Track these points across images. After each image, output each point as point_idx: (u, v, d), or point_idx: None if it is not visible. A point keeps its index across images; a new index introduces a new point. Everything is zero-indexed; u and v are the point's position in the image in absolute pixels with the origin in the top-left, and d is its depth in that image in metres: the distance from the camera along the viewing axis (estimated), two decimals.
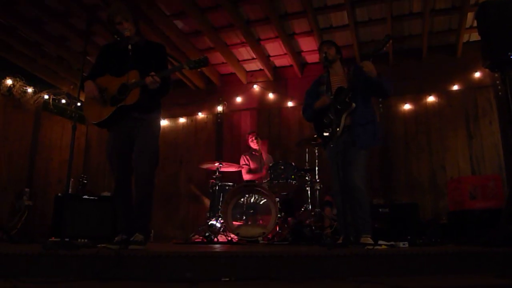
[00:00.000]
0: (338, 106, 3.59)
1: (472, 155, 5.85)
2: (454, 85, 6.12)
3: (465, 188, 4.21)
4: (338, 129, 3.53)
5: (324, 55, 3.69)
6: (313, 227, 4.71)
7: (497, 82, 5.76)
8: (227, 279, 2.30)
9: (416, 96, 6.26)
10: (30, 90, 6.56)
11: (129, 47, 3.13)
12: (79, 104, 3.47)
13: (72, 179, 5.59)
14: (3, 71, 6.17)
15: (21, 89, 6.43)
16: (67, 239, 2.73)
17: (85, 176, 5.92)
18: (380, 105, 6.26)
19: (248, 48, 6.34)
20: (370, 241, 3.38)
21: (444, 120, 6.08)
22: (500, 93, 5.78)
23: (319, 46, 4.01)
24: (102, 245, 2.90)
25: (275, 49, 6.57)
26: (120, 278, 2.33)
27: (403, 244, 3.15)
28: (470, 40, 6.13)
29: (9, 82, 6.24)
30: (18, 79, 6.35)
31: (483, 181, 4.20)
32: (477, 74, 5.99)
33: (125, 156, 3.16)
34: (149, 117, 3.20)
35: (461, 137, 5.96)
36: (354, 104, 3.58)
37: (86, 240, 2.90)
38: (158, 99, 3.29)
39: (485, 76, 5.93)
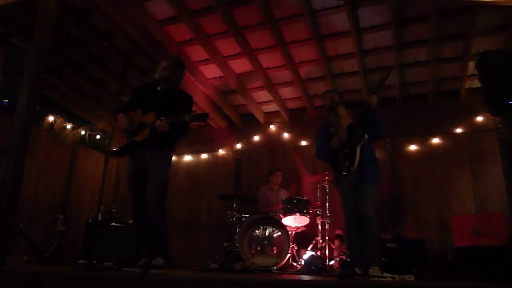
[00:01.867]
0: (352, 140, 3.62)
1: (476, 194, 5.73)
2: (458, 128, 6.08)
3: (469, 225, 4.11)
4: (355, 161, 3.55)
5: (331, 98, 3.79)
6: (323, 259, 4.63)
7: (499, 125, 5.71)
8: None
9: (422, 138, 6.22)
10: (69, 126, 6.78)
11: (158, 88, 3.28)
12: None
13: (102, 207, 5.67)
14: (46, 108, 6.42)
15: (61, 125, 6.66)
16: (94, 262, 2.76)
17: (114, 205, 5.98)
18: (388, 145, 6.24)
19: (266, 91, 6.47)
20: (378, 272, 3.31)
21: (449, 160, 6.00)
22: (502, 136, 5.72)
23: (323, 94, 4.10)
24: (127, 268, 2.91)
25: (290, 92, 6.69)
26: None
27: (408, 277, 3.07)
28: (473, 87, 6.13)
29: (51, 118, 6.48)
30: (59, 116, 6.60)
31: (486, 220, 4.09)
32: (480, 118, 5.96)
33: (139, 186, 3.23)
34: (160, 152, 3.26)
35: (465, 177, 5.85)
36: (366, 136, 3.62)
37: (111, 264, 2.91)
38: (171, 140, 3.34)
39: (488, 119, 5.88)
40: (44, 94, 6.55)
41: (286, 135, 7.03)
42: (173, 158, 3.48)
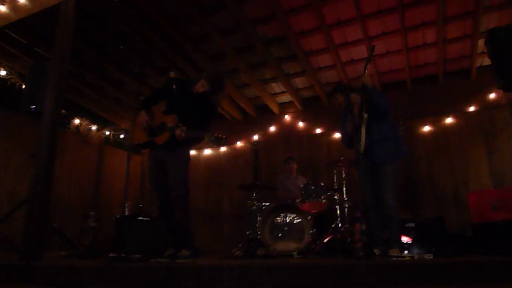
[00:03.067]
0: (356, 122, 3.53)
1: (492, 169, 5.57)
2: (470, 106, 5.91)
3: (486, 201, 3.99)
4: (361, 142, 3.45)
5: (337, 101, 3.75)
6: (344, 242, 4.59)
7: None
8: None
9: (435, 118, 6.07)
10: (94, 127, 6.90)
11: (174, 86, 3.25)
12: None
13: (129, 203, 5.76)
14: (72, 112, 6.54)
15: (87, 127, 6.79)
16: (123, 255, 2.80)
17: (141, 200, 6.09)
18: (401, 128, 6.11)
19: (279, 82, 6.42)
20: (397, 253, 3.26)
21: (463, 139, 5.85)
22: None
23: (331, 93, 4.01)
24: (154, 259, 2.95)
25: (303, 82, 6.62)
26: (169, 287, 2.36)
27: (428, 256, 3.02)
28: (483, 64, 5.94)
29: (76, 121, 6.61)
30: (84, 118, 6.72)
31: (504, 194, 3.97)
32: (492, 95, 5.78)
33: (161, 181, 3.24)
34: (179, 150, 3.23)
35: (481, 153, 5.70)
36: (366, 115, 3.47)
37: (139, 256, 2.95)
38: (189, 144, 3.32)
39: (500, 96, 5.70)
40: (69, 98, 6.68)
41: (300, 124, 6.98)
42: (194, 152, 3.49)
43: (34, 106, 3.79)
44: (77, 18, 3.68)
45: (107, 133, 7.16)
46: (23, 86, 5.25)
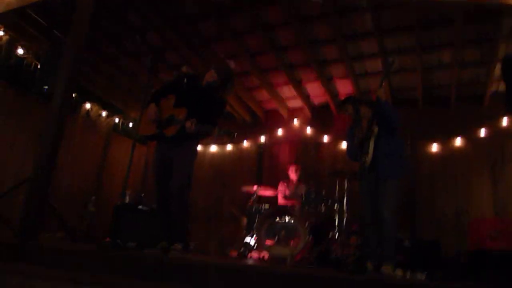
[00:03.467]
0: (364, 137, 3.53)
1: (496, 198, 5.52)
2: (480, 131, 5.86)
3: (485, 229, 3.96)
4: (368, 155, 3.45)
5: (347, 110, 3.75)
6: (338, 254, 4.57)
7: None
8: None
9: (443, 141, 6.03)
10: (104, 113, 6.97)
11: (186, 82, 3.28)
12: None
13: (130, 191, 5.79)
14: (83, 97, 6.60)
15: (97, 112, 6.86)
16: (118, 241, 2.83)
17: (143, 190, 6.11)
18: (408, 147, 6.07)
19: (291, 87, 6.43)
20: (390, 270, 3.24)
21: (470, 164, 5.80)
22: None
23: (342, 104, 4.01)
24: (147, 249, 2.97)
25: (314, 89, 6.62)
26: (159, 279, 2.37)
27: (420, 276, 3.00)
28: (498, 90, 5.89)
29: (87, 106, 6.67)
30: (95, 103, 6.78)
31: (503, 225, 3.93)
32: (504, 123, 5.72)
33: (164, 176, 3.24)
34: (187, 143, 3.25)
35: (486, 181, 5.64)
36: (376, 128, 3.50)
37: (134, 244, 2.98)
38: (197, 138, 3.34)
39: (511, 124, 5.65)
40: (82, 84, 6.75)
41: (308, 131, 6.97)
42: (199, 149, 3.48)
43: (46, 87, 3.85)
44: (96, 6, 3.73)
45: (117, 120, 7.22)
46: (38, 67, 5.33)
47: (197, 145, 3.40)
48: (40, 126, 5.06)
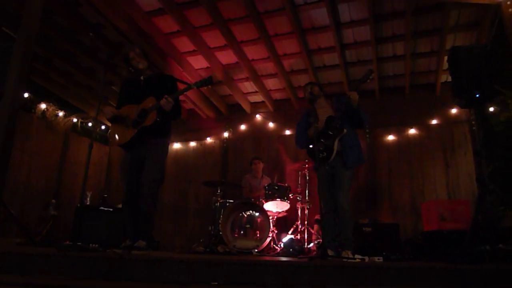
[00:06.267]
0: (330, 132, 3.68)
1: (448, 182, 5.85)
2: (433, 119, 6.17)
3: (436, 211, 4.20)
4: (332, 153, 3.62)
5: (310, 91, 3.83)
6: (302, 243, 4.71)
7: (471, 118, 5.82)
8: (216, 283, 2.33)
9: (399, 128, 6.31)
10: (61, 113, 6.74)
11: (141, 78, 3.28)
12: (103, 127, 3.59)
13: (91, 192, 5.67)
14: (38, 96, 6.36)
15: (54, 112, 6.62)
16: (79, 243, 2.78)
17: (106, 191, 5.98)
18: (367, 136, 6.31)
19: (252, 82, 6.48)
20: (350, 255, 3.39)
21: (424, 150, 6.11)
22: (473, 128, 5.83)
23: (304, 86, 4.12)
24: (110, 249, 2.94)
25: (275, 83, 6.71)
26: (123, 278, 2.36)
27: (378, 259, 3.16)
28: (448, 81, 6.21)
29: (43, 106, 6.43)
30: (51, 103, 6.55)
31: (453, 206, 4.19)
32: (454, 111, 6.05)
33: (136, 173, 3.27)
34: (160, 141, 3.34)
35: (439, 166, 5.97)
36: (345, 130, 3.68)
37: (96, 245, 2.94)
38: (170, 124, 3.40)
39: (461, 112, 5.98)
40: (37, 83, 6.50)
41: (271, 125, 7.06)
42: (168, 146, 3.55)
43: None
44: (48, 2, 3.61)
45: (75, 120, 7.00)
46: None
47: (168, 142, 3.49)
48: None
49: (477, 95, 3.41)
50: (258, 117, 7.18)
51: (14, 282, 2.07)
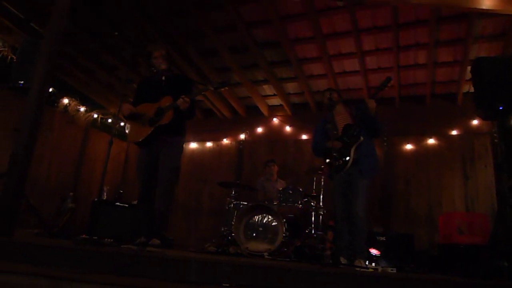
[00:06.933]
0: (348, 140, 3.64)
1: (467, 194, 5.73)
2: (453, 130, 6.06)
3: (453, 223, 4.12)
4: (348, 160, 3.58)
5: (329, 96, 3.80)
6: (315, 248, 4.68)
7: (493, 130, 5.69)
8: (227, 284, 2.33)
9: (418, 138, 6.22)
10: (82, 109, 6.87)
11: (163, 78, 3.33)
12: (122, 124, 3.67)
13: (108, 187, 5.75)
14: (61, 91, 6.50)
15: (75, 107, 6.75)
16: (95, 237, 2.83)
17: (122, 186, 6.07)
18: (385, 143, 6.24)
19: (271, 85, 6.48)
20: (363, 264, 3.35)
21: (443, 161, 6.00)
22: (495, 140, 5.70)
23: (323, 92, 4.09)
24: (124, 245, 2.98)
25: (294, 87, 6.70)
26: (136, 274, 2.39)
27: (391, 270, 3.11)
28: (470, 91, 6.09)
29: (65, 101, 6.57)
30: (73, 99, 6.69)
31: (471, 219, 4.10)
32: (475, 122, 5.93)
33: (151, 171, 3.30)
34: (175, 140, 3.36)
35: (457, 177, 5.85)
36: (362, 138, 3.63)
37: (111, 240, 2.98)
38: (185, 123, 3.44)
39: (483, 123, 5.85)
40: (61, 78, 6.64)
41: (287, 129, 7.05)
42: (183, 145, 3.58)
43: (22, 82, 3.79)
44: (75, 1, 3.70)
45: (95, 115, 7.13)
46: (14, 60, 5.22)
47: (183, 141, 3.51)
48: (16, 121, 4.96)
49: (500, 108, 3.32)
50: (275, 120, 7.17)
51: (29, 272, 2.11)
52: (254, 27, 5.20)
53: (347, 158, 3.58)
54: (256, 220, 4.85)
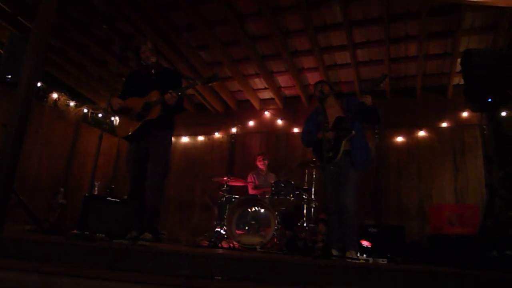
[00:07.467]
0: (339, 133, 3.65)
1: (457, 186, 5.80)
2: (444, 122, 6.11)
3: (444, 215, 4.17)
4: (339, 153, 3.60)
5: (320, 89, 3.81)
6: (307, 241, 4.71)
7: (483, 122, 5.75)
8: (219, 277, 2.34)
9: (409, 130, 6.26)
10: (72, 103, 6.79)
11: (153, 71, 3.30)
12: (112, 118, 3.65)
13: (99, 182, 5.72)
14: (51, 86, 6.42)
15: (65, 102, 6.67)
16: (86, 233, 2.82)
17: (113, 181, 6.04)
18: (376, 136, 6.28)
19: (262, 79, 6.47)
20: (354, 255, 3.39)
21: (433, 153, 6.06)
22: (485, 132, 5.77)
23: (314, 84, 4.08)
24: (116, 240, 2.98)
25: (285, 81, 6.70)
26: (128, 269, 2.39)
27: (382, 261, 3.15)
28: (460, 83, 6.14)
29: (54, 95, 6.48)
30: (62, 93, 6.61)
31: (461, 210, 4.15)
32: (465, 114, 5.99)
33: (140, 166, 3.29)
34: (164, 134, 3.34)
35: (448, 169, 5.92)
36: (353, 132, 3.65)
37: (103, 235, 2.98)
38: (173, 117, 3.42)
39: (472, 116, 5.90)
40: (50, 72, 6.56)
41: (279, 122, 7.06)
42: (172, 139, 3.57)
43: (10, 76, 3.73)
44: None
45: (85, 110, 7.06)
46: (1, 55, 5.14)
47: (172, 134, 3.49)
48: (4, 116, 4.90)
49: (490, 100, 3.35)
50: (267, 113, 7.17)
51: (21, 267, 2.10)
52: (245, 20, 5.16)
53: (338, 150, 3.60)
54: (248, 213, 4.87)
